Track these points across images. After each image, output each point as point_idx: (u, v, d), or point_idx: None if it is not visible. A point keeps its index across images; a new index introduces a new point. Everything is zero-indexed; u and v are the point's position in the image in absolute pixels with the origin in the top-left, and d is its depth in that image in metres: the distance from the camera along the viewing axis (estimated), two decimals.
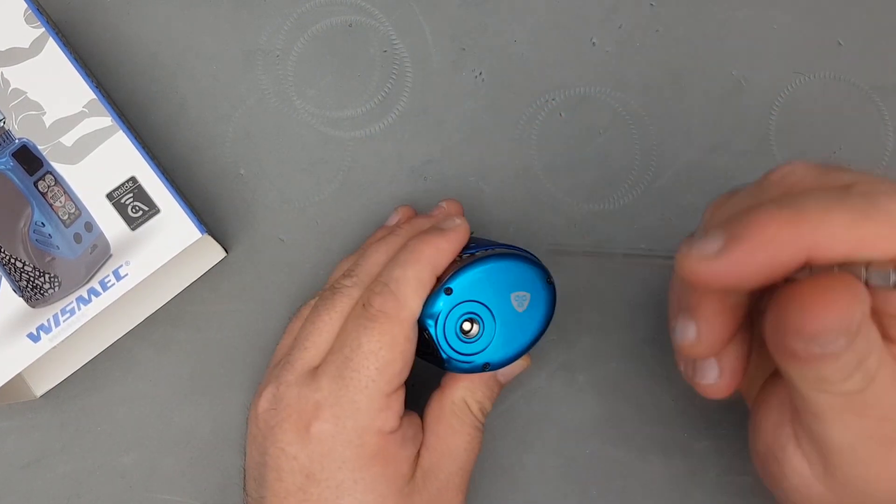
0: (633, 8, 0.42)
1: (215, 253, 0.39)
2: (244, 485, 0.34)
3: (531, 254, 0.34)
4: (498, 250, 0.33)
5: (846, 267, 0.21)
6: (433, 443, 0.33)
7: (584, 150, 0.41)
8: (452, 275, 0.32)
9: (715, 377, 0.26)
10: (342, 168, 0.41)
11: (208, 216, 0.40)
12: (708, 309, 0.25)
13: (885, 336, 0.22)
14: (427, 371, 0.39)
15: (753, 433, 0.28)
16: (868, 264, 0.21)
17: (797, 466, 0.25)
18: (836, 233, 0.21)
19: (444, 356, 0.32)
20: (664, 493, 0.39)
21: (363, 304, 0.32)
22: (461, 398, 0.34)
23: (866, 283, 0.21)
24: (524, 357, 0.34)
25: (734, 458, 0.39)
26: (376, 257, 0.34)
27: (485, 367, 0.33)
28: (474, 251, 0.33)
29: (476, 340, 0.32)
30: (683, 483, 0.39)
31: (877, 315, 0.22)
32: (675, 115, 0.42)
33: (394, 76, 0.42)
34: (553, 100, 0.42)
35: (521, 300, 0.33)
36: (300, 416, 0.31)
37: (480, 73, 0.42)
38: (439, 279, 0.33)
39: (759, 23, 0.43)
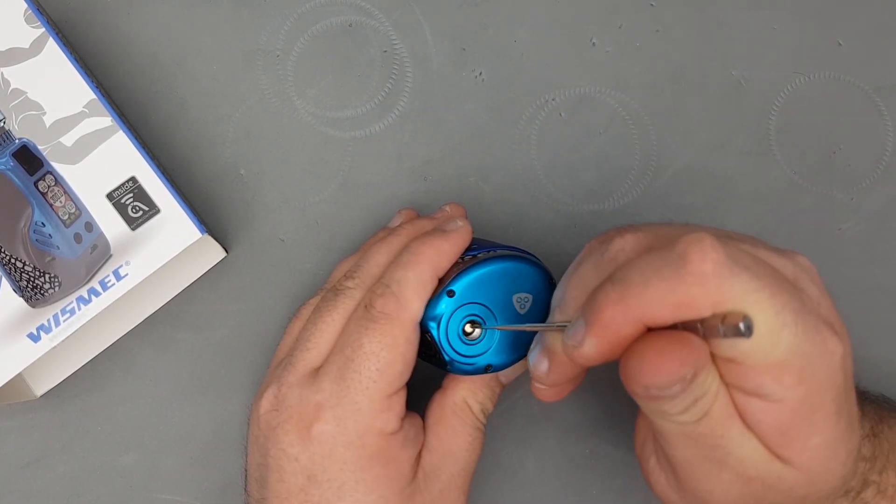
0: (633, 8, 0.42)
1: (215, 253, 0.39)
2: (245, 485, 0.34)
3: (533, 255, 0.34)
4: (500, 252, 0.33)
5: (687, 323, 0.24)
6: (434, 444, 0.33)
7: (584, 150, 0.41)
8: (455, 277, 0.32)
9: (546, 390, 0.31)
10: (342, 168, 0.41)
11: (208, 216, 0.40)
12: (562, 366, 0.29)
13: (724, 376, 0.25)
14: (428, 371, 0.39)
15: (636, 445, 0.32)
16: (702, 320, 0.24)
17: (658, 476, 0.30)
18: (656, 302, 0.24)
19: (446, 358, 0.32)
20: None
21: (365, 306, 0.32)
22: (462, 399, 0.34)
23: (704, 335, 0.24)
24: (526, 359, 0.34)
25: None
26: (378, 258, 0.34)
27: (487, 369, 0.33)
28: (476, 253, 0.33)
29: (478, 342, 0.32)
30: None
31: (716, 359, 0.25)
32: (675, 115, 0.42)
33: (394, 76, 0.42)
34: (553, 100, 0.42)
35: (523, 302, 0.33)
36: (301, 417, 0.31)
37: (480, 73, 0.42)
38: (441, 281, 0.32)
39: (759, 23, 0.43)
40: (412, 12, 0.42)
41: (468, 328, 0.32)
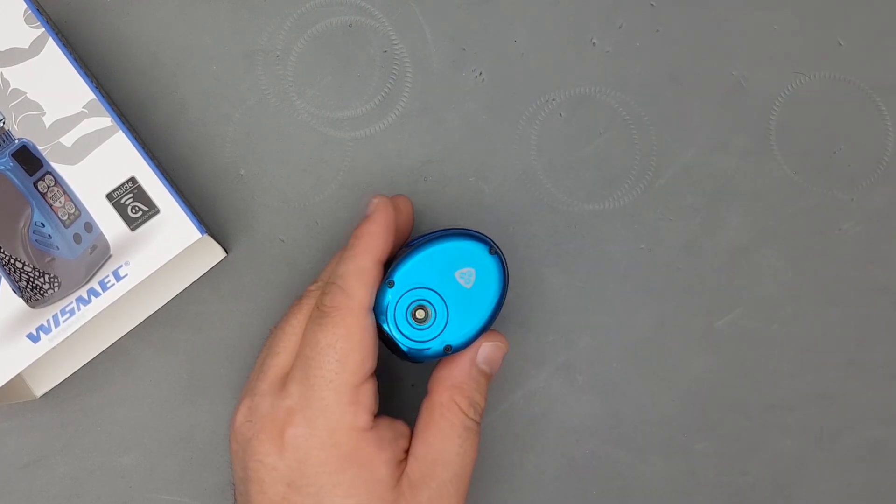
0: (633, 8, 0.42)
1: (215, 253, 0.39)
2: (234, 501, 0.34)
3: (472, 230, 0.34)
4: (433, 235, 0.34)
5: None
6: (422, 452, 0.32)
7: (584, 150, 0.41)
8: (392, 267, 0.33)
9: None
10: (342, 168, 0.41)
11: (208, 216, 0.40)
12: None
13: None
14: (427, 372, 0.39)
15: None
16: None
17: None
18: None
19: (403, 348, 0.33)
20: (664, 493, 0.39)
21: (317, 306, 0.33)
22: (448, 398, 0.33)
23: None
24: (500, 339, 0.34)
25: (734, 458, 0.39)
26: (334, 261, 0.35)
27: (447, 350, 0.33)
28: (412, 242, 0.34)
29: (430, 326, 0.33)
30: (683, 483, 0.39)
31: None
32: (675, 115, 0.42)
33: (394, 76, 0.42)
34: (553, 100, 0.42)
35: (467, 277, 0.33)
36: (274, 424, 0.31)
37: (480, 73, 0.42)
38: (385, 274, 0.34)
39: (759, 23, 0.43)
40: (412, 12, 0.42)
41: (419, 314, 0.33)
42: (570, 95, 0.42)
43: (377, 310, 0.33)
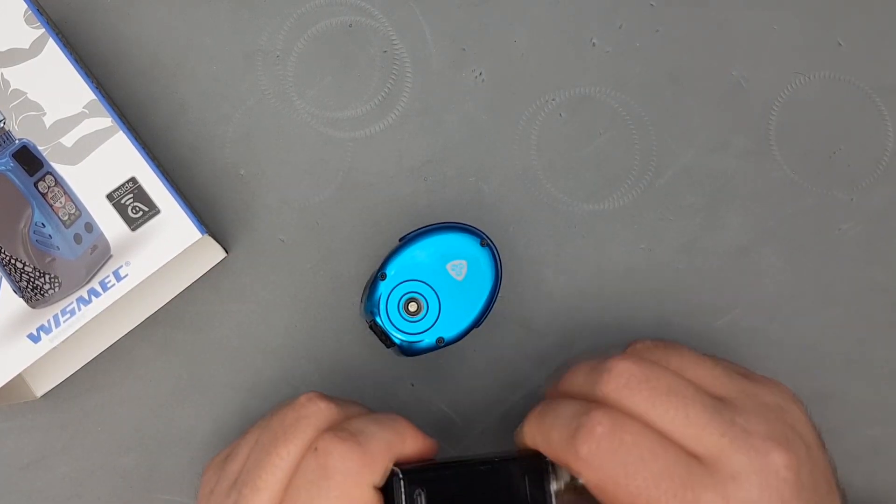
0: (633, 8, 0.42)
1: (215, 253, 0.39)
2: None
3: (463, 223, 0.35)
4: (425, 228, 0.34)
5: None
6: None
7: (584, 150, 0.41)
8: (385, 261, 0.34)
9: None
10: (342, 168, 0.41)
11: (208, 216, 0.40)
12: None
13: None
14: (427, 371, 0.39)
15: None
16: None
17: None
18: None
19: (396, 341, 0.34)
20: None
21: (317, 450, 0.27)
22: None
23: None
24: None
25: None
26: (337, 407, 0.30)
27: (439, 343, 0.33)
28: (405, 236, 0.35)
29: (423, 318, 0.33)
30: None
31: None
32: (675, 115, 0.42)
33: (394, 76, 0.42)
34: (553, 100, 0.42)
35: (458, 269, 0.34)
36: None
37: (480, 73, 0.42)
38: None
39: (759, 23, 0.43)
40: (412, 12, 0.42)
41: (411, 307, 0.33)
42: (570, 95, 0.42)
43: (370, 304, 0.33)
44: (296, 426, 0.28)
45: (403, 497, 0.26)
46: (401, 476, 0.27)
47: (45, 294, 0.35)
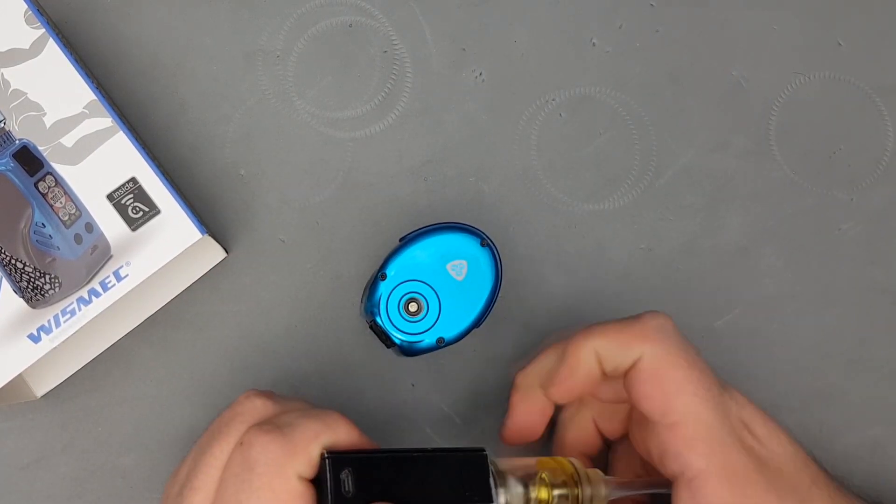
0: (633, 8, 0.42)
1: (215, 253, 0.39)
2: None
3: (463, 224, 0.35)
4: (425, 228, 0.34)
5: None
6: None
7: (584, 150, 0.41)
8: (385, 261, 0.34)
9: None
10: (342, 168, 0.41)
11: (208, 217, 0.40)
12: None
13: None
14: (427, 371, 0.39)
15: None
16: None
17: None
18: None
19: (396, 341, 0.34)
20: None
21: (243, 444, 0.27)
22: None
23: None
24: None
25: None
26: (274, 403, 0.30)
27: (440, 343, 0.34)
28: (405, 237, 0.35)
29: (423, 318, 0.34)
30: None
31: None
32: (675, 115, 0.42)
33: (394, 76, 0.42)
34: (553, 100, 0.42)
35: (458, 269, 0.34)
36: None
37: (480, 73, 0.42)
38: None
39: (759, 23, 0.43)
40: (412, 12, 0.42)
41: (411, 307, 0.33)
42: (570, 95, 0.42)
43: (371, 303, 0.33)
44: (229, 424, 0.28)
45: (329, 477, 0.26)
46: (326, 455, 0.27)
47: (46, 294, 0.35)
